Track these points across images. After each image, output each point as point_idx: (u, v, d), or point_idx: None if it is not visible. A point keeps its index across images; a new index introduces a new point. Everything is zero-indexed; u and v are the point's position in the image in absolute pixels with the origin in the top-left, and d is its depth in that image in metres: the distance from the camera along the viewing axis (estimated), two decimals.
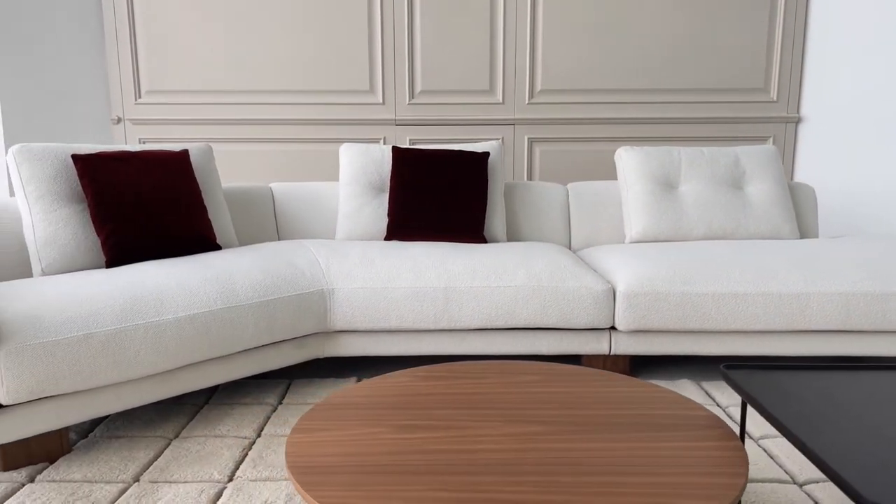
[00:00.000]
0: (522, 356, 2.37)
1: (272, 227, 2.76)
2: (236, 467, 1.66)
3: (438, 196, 2.58)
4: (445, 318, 2.14)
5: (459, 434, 1.21)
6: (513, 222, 2.82)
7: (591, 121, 3.66)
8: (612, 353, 2.23)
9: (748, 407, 2.02)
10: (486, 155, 2.66)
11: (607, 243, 2.80)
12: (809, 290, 2.12)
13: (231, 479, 1.59)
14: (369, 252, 2.28)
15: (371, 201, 2.66)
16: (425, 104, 3.64)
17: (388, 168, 2.70)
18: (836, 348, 2.19)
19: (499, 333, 2.21)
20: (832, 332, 2.17)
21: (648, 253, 2.33)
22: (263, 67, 3.63)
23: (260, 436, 1.83)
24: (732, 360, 2.49)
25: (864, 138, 3.23)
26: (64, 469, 1.64)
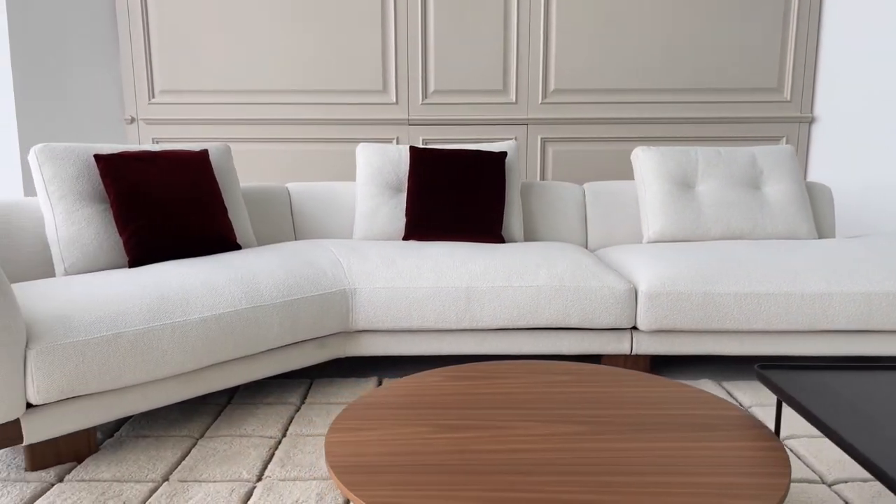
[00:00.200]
0: (543, 356, 2.37)
1: (289, 226, 2.76)
2: (264, 467, 1.65)
3: (456, 196, 2.58)
4: (467, 318, 2.14)
5: (500, 434, 1.21)
6: (529, 222, 2.82)
7: (603, 121, 3.66)
8: (633, 353, 2.23)
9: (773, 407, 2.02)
10: (503, 155, 2.66)
11: (624, 243, 2.80)
12: (832, 290, 2.12)
13: (260, 479, 1.59)
14: (389, 252, 2.28)
15: (388, 201, 2.66)
16: (438, 104, 3.64)
17: (404, 168, 2.70)
18: (858, 348, 2.19)
19: (520, 333, 2.21)
20: (854, 331, 2.17)
21: (668, 253, 2.33)
22: (276, 67, 3.63)
23: (285, 435, 1.83)
24: (753, 360, 2.49)
25: (877, 138, 3.23)
26: (92, 468, 1.64)
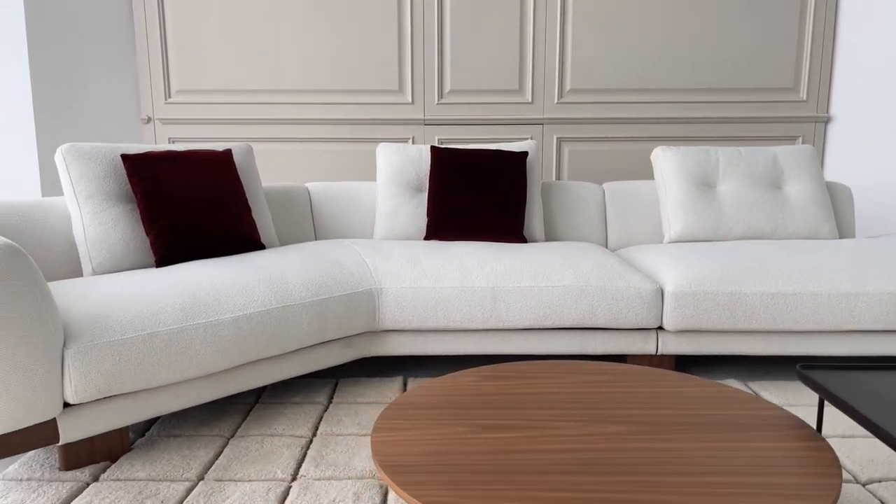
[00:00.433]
0: (569, 356, 2.37)
1: (309, 226, 2.76)
2: (298, 466, 1.66)
3: (478, 195, 2.58)
4: (493, 318, 2.14)
5: (543, 434, 1.21)
6: (549, 221, 2.82)
7: (619, 120, 3.65)
8: (658, 353, 2.23)
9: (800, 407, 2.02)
10: (524, 154, 2.66)
11: (644, 243, 2.80)
12: (858, 290, 2.12)
13: (295, 478, 1.60)
14: (413, 252, 2.29)
15: (409, 201, 2.66)
16: (454, 104, 3.64)
17: (425, 168, 2.70)
18: (885, 348, 2.18)
19: (545, 333, 2.21)
20: (881, 331, 2.17)
21: (691, 253, 2.33)
22: (292, 67, 3.63)
23: (316, 435, 1.84)
24: (777, 360, 2.49)
25: (894, 138, 3.23)
26: (127, 468, 1.64)
